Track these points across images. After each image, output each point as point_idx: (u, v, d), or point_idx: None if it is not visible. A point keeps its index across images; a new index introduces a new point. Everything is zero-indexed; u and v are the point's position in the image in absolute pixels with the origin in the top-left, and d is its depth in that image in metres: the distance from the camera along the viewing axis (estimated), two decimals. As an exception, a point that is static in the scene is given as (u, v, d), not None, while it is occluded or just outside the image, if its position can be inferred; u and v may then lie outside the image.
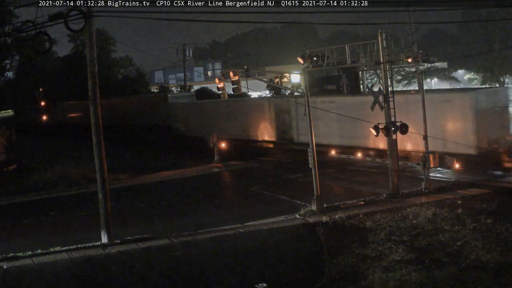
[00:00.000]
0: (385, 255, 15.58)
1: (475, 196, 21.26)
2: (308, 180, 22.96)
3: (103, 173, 18.63)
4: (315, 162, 21.27)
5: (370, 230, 17.86)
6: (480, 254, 14.95)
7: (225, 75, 25.42)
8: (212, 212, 22.78)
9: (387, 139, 23.06)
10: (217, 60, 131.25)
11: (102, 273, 15.83)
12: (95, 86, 18.56)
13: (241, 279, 14.78)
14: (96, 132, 18.58)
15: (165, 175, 32.19)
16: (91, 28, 18.23)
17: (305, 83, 22.11)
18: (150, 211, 23.67)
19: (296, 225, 19.60)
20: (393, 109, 22.74)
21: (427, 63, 24.33)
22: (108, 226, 18.44)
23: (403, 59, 24.48)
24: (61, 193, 28.35)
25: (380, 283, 13.70)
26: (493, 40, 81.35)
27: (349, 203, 21.76)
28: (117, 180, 29.88)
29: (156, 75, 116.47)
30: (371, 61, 24.97)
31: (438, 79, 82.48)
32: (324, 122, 30.66)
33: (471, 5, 39.35)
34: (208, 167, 33.99)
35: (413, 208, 19.83)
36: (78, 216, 23.34)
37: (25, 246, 18.01)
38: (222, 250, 17.07)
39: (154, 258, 16.70)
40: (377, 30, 23.37)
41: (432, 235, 16.85)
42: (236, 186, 29.45)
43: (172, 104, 49.17)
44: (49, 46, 18.74)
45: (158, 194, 27.27)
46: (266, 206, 22.87)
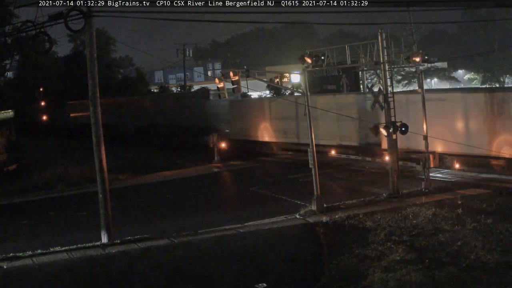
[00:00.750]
0: (385, 255, 15.57)
1: (475, 196, 21.26)
2: (308, 180, 22.96)
3: (103, 173, 18.65)
4: (315, 162, 21.26)
5: (370, 230, 17.85)
6: (480, 254, 14.94)
7: (225, 75, 25.42)
8: (212, 212, 22.78)
9: (387, 139, 23.07)
10: (217, 60, 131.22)
11: (102, 273, 15.82)
12: (95, 86, 18.56)
13: (241, 279, 14.77)
14: (96, 132, 18.59)
15: (164, 175, 32.24)
16: (91, 28, 18.23)
17: (305, 83, 22.10)
18: (150, 211, 23.68)
19: (296, 225, 19.60)
20: (393, 109, 22.75)
21: (427, 63, 24.30)
22: (108, 226, 18.44)
23: (403, 59, 24.50)
24: (61, 193, 28.37)
25: (380, 283, 13.69)
26: (493, 40, 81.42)
27: (349, 203, 21.76)
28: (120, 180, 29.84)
29: (156, 75, 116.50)
30: (371, 61, 24.97)
31: (438, 79, 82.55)
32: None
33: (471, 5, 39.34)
34: (208, 167, 34.01)
35: (413, 208, 19.82)
36: (78, 216, 23.34)
37: (25, 246, 18.01)
38: (222, 250, 17.07)
39: (154, 258, 16.69)
40: (377, 30, 23.37)
41: (432, 235, 16.84)
42: (236, 186, 29.45)
43: (213, 102, 43.49)
44: (49, 46, 18.76)
45: (158, 194, 27.30)
46: (266, 206, 22.86)
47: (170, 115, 49.14)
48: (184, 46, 69.48)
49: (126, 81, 71.99)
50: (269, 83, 40.67)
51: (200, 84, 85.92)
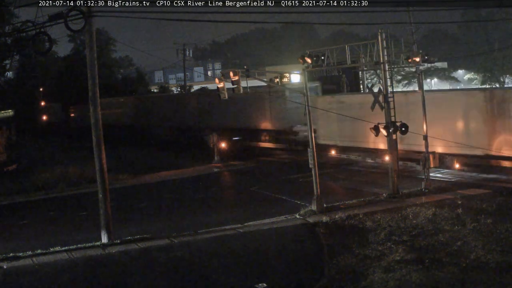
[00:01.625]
0: (385, 255, 15.57)
1: (475, 196, 21.26)
2: (308, 180, 22.96)
3: (103, 173, 18.64)
4: (315, 162, 21.27)
5: (370, 230, 17.85)
6: (480, 254, 14.94)
7: (225, 75, 25.39)
8: (212, 212, 22.77)
9: (387, 139, 23.06)
10: (217, 60, 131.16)
11: (102, 273, 15.83)
12: (95, 86, 18.56)
13: (241, 279, 14.77)
14: (96, 132, 18.59)
15: (164, 175, 32.22)
16: (91, 28, 18.23)
17: (305, 83, 22.10)
18: (150, 211, 23.68)
19: (296, 225, 19.60)
20: (393, 109, 22.74)
21: (427, 63, 24.32)
22: (108, 226, 18.43)
23: (403, 59, 24.50)
24: (61, 193, 28.37)
25: (380, 283, 13.70)
26: (493, 40, 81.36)
27: (349, 203, 21.75)
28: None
29: (156, 75, 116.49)
30: (371, 61, 24.97)
31: (438, 79, 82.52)
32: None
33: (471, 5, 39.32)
34: (208, 167, 34.00)
35: (413, 208, 19.82)
36: (78, 216, 23.34)
37: (25, 246, 18.00)
38: (222, 250, 17.06)
39: (154, 258, 16.69)
40: (377, 30, 23.37)
41: (432, 235, 16.85)
42: (236, 186, 29.44)
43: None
44: (49, 46, 18.73)
45: (159, 194, 27.29)
46: (266, 206, 22.85)
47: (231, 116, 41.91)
48: (184, 46, 69.42)
49: (126, 81, 71.98)
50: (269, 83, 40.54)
51: (200, 84, 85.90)
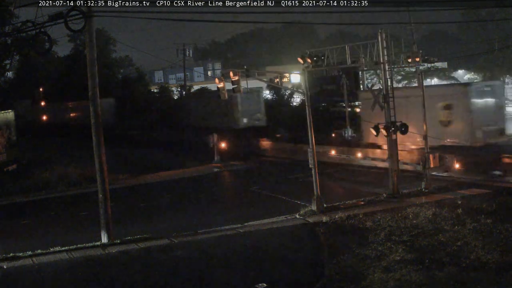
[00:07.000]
0: (385, 255, 15.57)
1: (475, 196, 21.28)
2: (308, 180, 22.96)
3: (103, 173, 18.63)
4: (315, 162, 21.28)
5: (370, 230, 17.85)
6: (480, 254, 14.94)
7: (225, 75, 25.43)
8: (212, 212, 22.78)
9: (387, 139, 23.06)
10: (217, 60, 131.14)
11: (102, 273, 15.82)
12: (95, 86, 18.57)
13: (241, 279, 14.77)
14: (96, 132, 18.59)
15: (164, 175, 32.21)
16: (91, 28, 18.24)
17: (305, 83, 22.11)
18: (150, 211, 23.68)
19: (296, 225, 19.61)
20: (393, 109, 22.74)
21: (427, 63, 24.34)
22: (108, 226, 18.45)
23: (403, 59, 24.50)
24: (61, 193, 28.37)
25: (380, 283, 13.69)
26: (493, 40, 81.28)
27: (349, 203, 21.76)
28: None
29: (156, 75, 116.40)
30: (371, 61, 24.98)
31: (438, 79, 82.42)
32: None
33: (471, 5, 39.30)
34: (208, 167, 34.01)
35: (413, 208, 19.82)
36: (78, 216, 23.35)
37: (25, 246, 18.00)
38: (222, 250, 17.07)
39: (154, 258, 16.70)
40: (377, 30, 23.37)
41: (432, 235, 16.84)
42: (236, 186, 29.45)
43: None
44: (49, 46, 18.73)
45: (159, 194, 27.28)
46: (266, 206, 22.87)
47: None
48: (184, 46, 69.37)
49: (126, 81, 71.89)
50: (269, 83, 40.52)
51: (200, 84, 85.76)
